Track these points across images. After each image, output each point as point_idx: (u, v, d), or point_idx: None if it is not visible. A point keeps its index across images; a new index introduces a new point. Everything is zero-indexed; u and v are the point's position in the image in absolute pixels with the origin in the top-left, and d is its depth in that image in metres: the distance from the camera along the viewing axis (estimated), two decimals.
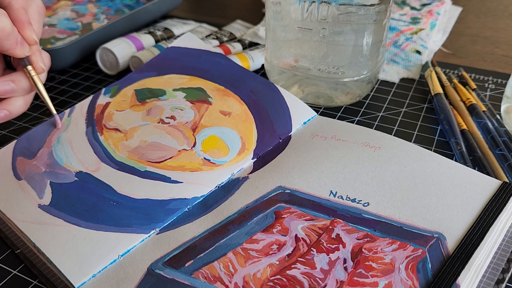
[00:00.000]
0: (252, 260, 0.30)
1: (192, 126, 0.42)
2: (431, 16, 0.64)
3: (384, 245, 0.31)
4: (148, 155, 0.39)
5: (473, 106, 0.45)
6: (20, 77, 0.39)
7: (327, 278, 0.29)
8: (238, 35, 0.62)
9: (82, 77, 0.56)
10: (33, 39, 0.39)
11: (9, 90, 0.39)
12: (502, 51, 0.60)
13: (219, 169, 0.38)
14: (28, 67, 0.39)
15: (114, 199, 0.35)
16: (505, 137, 0.41)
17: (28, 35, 0.38)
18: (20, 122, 0.47)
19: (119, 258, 0.31)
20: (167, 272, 0.30)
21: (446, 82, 0.50)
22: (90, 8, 0.66)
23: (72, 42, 0.53)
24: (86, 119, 0.43)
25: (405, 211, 0.33)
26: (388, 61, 0.56)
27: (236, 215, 0.34)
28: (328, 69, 0.45)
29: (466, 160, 0.39)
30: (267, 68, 0.51)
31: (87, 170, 0.37)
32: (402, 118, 0.46)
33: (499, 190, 0.34)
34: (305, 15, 0.43)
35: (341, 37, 0.43)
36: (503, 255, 0.30)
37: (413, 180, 0.35)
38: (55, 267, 0.30)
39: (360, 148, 0.39)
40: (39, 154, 0.39)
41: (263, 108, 0.44)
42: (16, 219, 0.34)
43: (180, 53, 0.51)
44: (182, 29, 0.62)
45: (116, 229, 0.32)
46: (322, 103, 0.48)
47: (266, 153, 0.40)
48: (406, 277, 0.29)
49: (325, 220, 0.33)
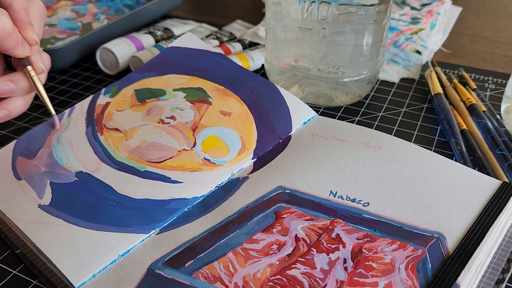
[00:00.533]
0: (252, 260, 0.30)
1: (192, 126, 0.42)
2: (431, 16, 0.64)
3: (384, 245, 0.31)
4: (148, 155, 0.39)
5: (473, 106, 0.45)
6: (20, 77, 0.39)
7: (327, 278, 0.29)
8: (238, 35, 0.62)
9: (82, 77, 0.56)
10: (33, 39, 0.39)
11: (8, 90, 0.39)
12: (502, 51, 0.60)
13: (219, 169, 0.38)
14: (28, 67, 0.39)
15: (114, 199, 0.35)
16: (505, 137, 0.41)
17: (29, 35, 0.38)
18: (20, 122, 0.47)
19: (119, 258, 0.31)
20: (167, 272, 0.30)
21: (446, 82, 0.50)
22: (90, 8, 0.66)
23: (72, 42, 0.53)
24: (86, 119, 0.43)
25: (405, 211, 0.33)
26: (388, 61, 0.56)
27: (236, 215, 0.34)
28: (328, 69, 0.45)
29: (466, 160, 0.39)
30: (267, 68, 0.51)
31: (87, 170, 0.37)
32: (402, 118, 0.46)
33: (499, 190, 0.34)
34: (305, 15, 0.43)
35: (341, 37, 0.43)
36: (503, 255, 0.30)
37: (413, 180, 0.35)
38: (55, 267, 0.30)
39: (360, 148, 0.39)
40: (39, 154, 0.39)
41: (263, 108, 0.44)
42: (16, 219, 0.34)
43: (180, 53, 0.51)
44: (182, 29, 0.62)
45: (116, 229, 0.32)
46: (322, 103, 0.48)
47: (266, 153, 0.40)
48: (406, 277, 0.29)
49: (325, 220, 0.33)
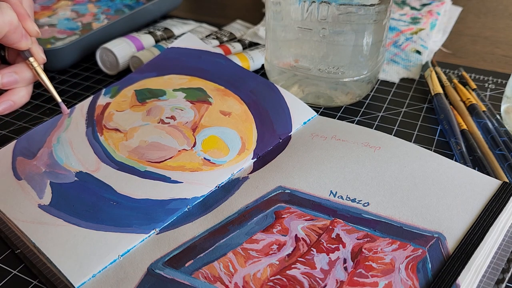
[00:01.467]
0: (252, 260, 0.30)
1: (192, 126, 0.42)
2: (431, 16, 0.64)
3: (384, 245, 0.31)
4: (148, 155, 0.39)
5: (473, 106, 0.45)
6: (23, 68, 0.41)
7: (327, 278, 0.29)
8: (238, 35, 0.62)
9: (82, 77, 0.56)
10: (35, 31, 0.40)
11: (13, 81, 0.40)
12: (502, 51, 0.60)
13: (219, 169, 0.38)
14: (30, 59, 0.41)
15: (114, 199, 0.35)
16: (505, 137, 0.41)
17: (30, 27, 0.40)
18: (20, 122, 0.47)
19: (119, 258, 0.31)
20: (167, 272, 0.30)
21: (446, 82, 0.50)
22: (90, 8, 0.66)
23: (72, 42, 0.53)
24: (86, 120, 0.43)
25: (405, 211, 0.33)
26: (388, 61, 0.56)
27: (236, 215, 0.34)
28: (328, 69, 0.45)
29: (466, 160, 0.39)
30: (267, 68, 0.51)
31: (87, 170, 0.37)
32: (402, 118, 0.46)
33: (499, 190, 0.34)
34: (305, 15, 0.43)
35: (341, 37, 0.43)
36: (503, 255, 0.30)
37: (413, 180, 0.35)
38: (55, 267, 0.30)
39: (360, 148, 0.39)
40: (39, 154, 0.39)
41: (263, 108, 0.44)
42: (16, 219, 0.34)
43: (180, 54, 0.51)
44: (182, 29, 0.62)
45: (116, 229, 0.32)
46: (322, 103, 0.48)
47: (266, 153, 0.40)
48: (406, 277, 0.29)
49: (325, 220, 0.33)
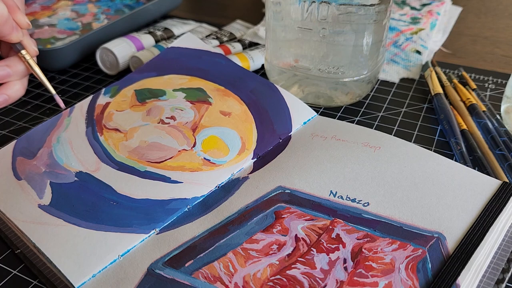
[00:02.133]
0: (252, 260, 0.30)
1: (192, 126, 0.42)
2: (431, 16, 0.64)
3: (384, 245, 0.31)
4: (148, 155, 0.39)
5: (473, 106, 0.45)
6: (15, 61, 0.40)
7: (327, 278, 0.29)
8: (238, 35, 0.62)
9: (82, 77, 0.56)
10: (25, 23, 0.40)
11: (5, 75, 0.40)
12: (502, 51, 0.60)
13: (219, 169, 0.38)
14: (23, 52, 0.40)
15: (114, 199, 0.35)
16: (505, 137, 0.41)
17: (21, 19, 0.39)
18: (20, 122, 0.47)
19: (119, 258, 0.31)
20: (167, 272, 0.30)
21: (446, 82, 0.50)
22: (90, 8, 0.66)
23: (72, 42, 0.53)
24: (86, 119, 0.43)
25: (405, 211, 0.33)
26: (388, 61, 0.56)
27: (236, 215, 0.34)
28: (328, 69, 0.45)
29: (466, 160, 0.39)
30: (267, 68, 0.51)
31: (87, 170, 0.37)
32: (402, 118, 0.46)
33: (499, 190, 0.34)
34: (305, 15, 0.43)
35: (341, 37, 0.43)
36: (503, 255, 0.30)
37: (413, 180, 0.35)
38: (55, 267, 0.30)
39: (360, 148, 0.39)
40: (39, 154, 0.39)
41: (263, 108, 0.44)
42: (16, 219, 0.34)
43: (180, 54, 0.51)
44: (182, 29, 0.62)
45: (116, 229, 0.32)
46: (322, 103, 0.48)
47: (266, 153, 0.40)
48: (406, 277, 0.29)
49: (325, 220, 0.33)
